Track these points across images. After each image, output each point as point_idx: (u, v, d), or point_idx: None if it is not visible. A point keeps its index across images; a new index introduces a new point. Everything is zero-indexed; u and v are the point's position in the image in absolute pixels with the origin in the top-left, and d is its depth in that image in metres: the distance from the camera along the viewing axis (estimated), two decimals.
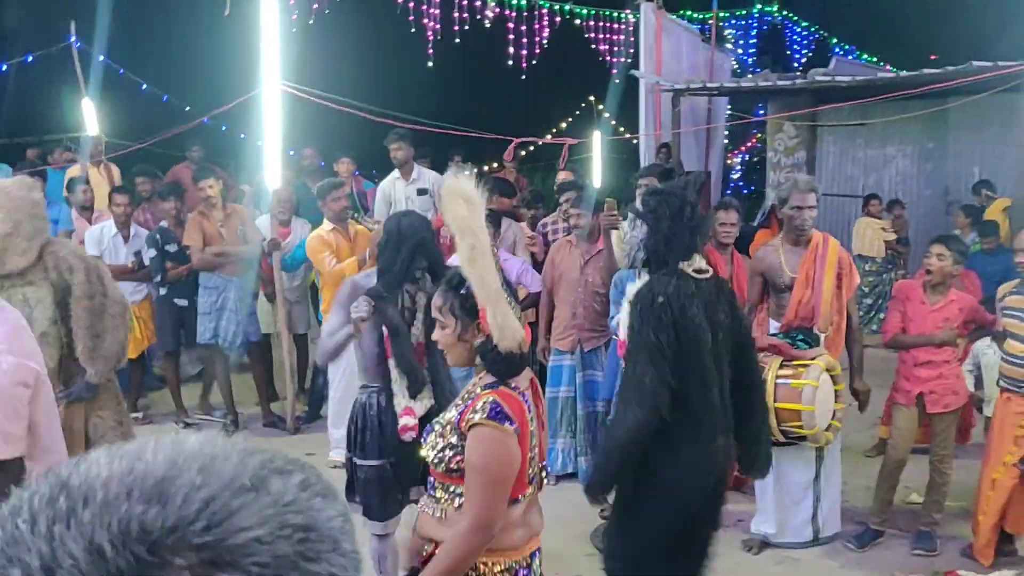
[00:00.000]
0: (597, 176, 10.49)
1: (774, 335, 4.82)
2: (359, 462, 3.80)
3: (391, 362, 3.64)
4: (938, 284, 4.86)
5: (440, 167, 11.12)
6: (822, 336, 4.75)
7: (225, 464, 0.62)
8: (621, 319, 3.43)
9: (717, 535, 3.59)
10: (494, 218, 6.03)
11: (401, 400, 3.60)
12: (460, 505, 2.37)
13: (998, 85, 8.86)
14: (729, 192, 17.74)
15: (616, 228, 5.60)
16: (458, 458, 2.36)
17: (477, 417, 2.30)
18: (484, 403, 2.31)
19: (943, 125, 11.69)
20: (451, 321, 2.46)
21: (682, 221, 3.25)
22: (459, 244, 2.34)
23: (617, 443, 3.30)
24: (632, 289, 3.32)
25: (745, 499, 5.35)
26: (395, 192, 7.78)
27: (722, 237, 5.71)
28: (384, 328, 3.61)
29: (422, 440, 2.56)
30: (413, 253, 3.68)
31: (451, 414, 2.44)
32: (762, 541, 4.93)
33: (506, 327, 2.32)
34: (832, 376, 4.63)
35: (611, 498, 5.61)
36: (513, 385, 2.41)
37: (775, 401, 4.50)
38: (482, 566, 2.34)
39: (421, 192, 7.67)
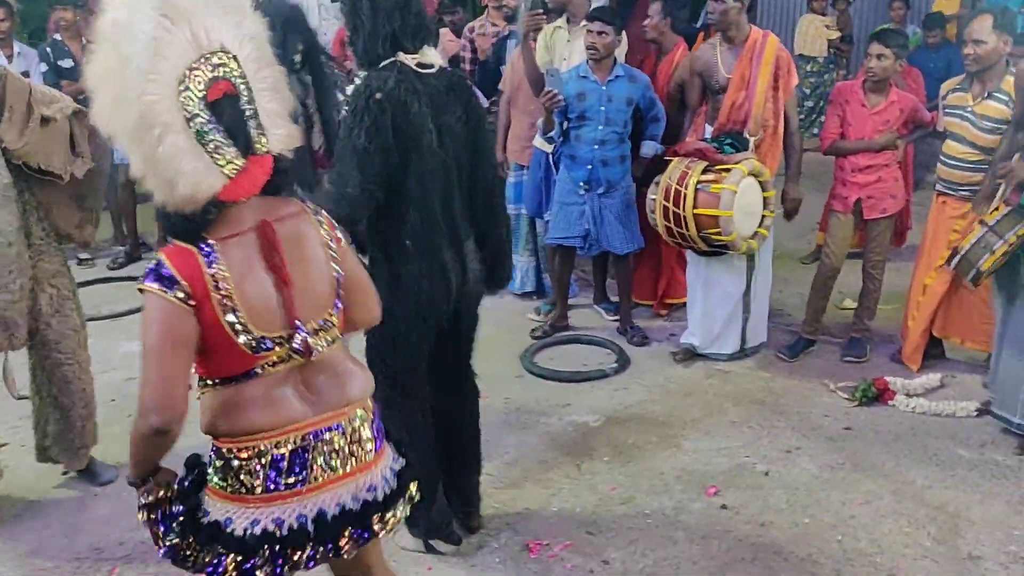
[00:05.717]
0: None
1: (706, 140, 4.58)
2: None
3: None
4: (879, 82, 4.60)
5: None
6: (751, 140, 4.51)
7: None
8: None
9: (471, 355, 3.25)
10: None
11: None
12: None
13: None
14: None
15: (539, 30, 5.19)
16: None
17: (139, 281, 1.94)
18: (149, 264, 1.96)
19: None
20: None
21: (400, 9, 2.80)
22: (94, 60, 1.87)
23: None
24: (351, 88, 2.89)
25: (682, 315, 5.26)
26: None
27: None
28: None
29: None
30: (284, 32, 3.20)
31: None
32: (690, 351, 4.87)
33: (169, 174, 1.84)
34: (761, 182, 4.43)
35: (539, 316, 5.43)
36: (203, 239, 1.93)
37: (694, 207, 4.35)
38: (225, 451, 2.00)
39: None
